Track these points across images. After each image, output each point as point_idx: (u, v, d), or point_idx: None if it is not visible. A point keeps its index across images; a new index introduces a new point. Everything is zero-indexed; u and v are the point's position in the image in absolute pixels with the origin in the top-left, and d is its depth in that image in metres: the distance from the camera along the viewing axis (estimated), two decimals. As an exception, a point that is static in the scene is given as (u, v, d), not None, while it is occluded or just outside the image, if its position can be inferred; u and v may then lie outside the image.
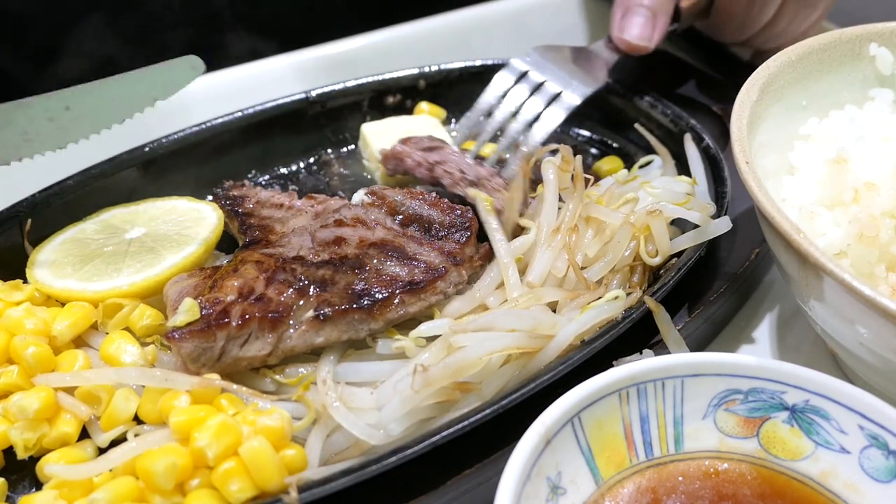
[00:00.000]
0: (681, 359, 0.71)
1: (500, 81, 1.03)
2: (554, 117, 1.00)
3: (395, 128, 1.08)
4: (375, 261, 0.80)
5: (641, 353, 0.79)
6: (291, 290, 0.77)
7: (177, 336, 0.73)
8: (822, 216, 0.80)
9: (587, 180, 0.96)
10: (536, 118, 1.01)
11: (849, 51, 0.93)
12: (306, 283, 0.77)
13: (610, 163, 1.06)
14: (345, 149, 1.10)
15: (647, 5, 1.05)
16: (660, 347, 0.81)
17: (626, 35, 1.05)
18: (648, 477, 0.70)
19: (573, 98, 1.02)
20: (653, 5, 1.05)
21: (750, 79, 0.86)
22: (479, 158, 1.00)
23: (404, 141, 0.99)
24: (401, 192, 0.89)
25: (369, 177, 1.07)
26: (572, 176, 0.88)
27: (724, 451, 0.71)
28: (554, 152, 0.92)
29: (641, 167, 1.01)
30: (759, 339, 0.90)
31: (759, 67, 0.87)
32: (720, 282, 0.88)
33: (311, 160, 1.08)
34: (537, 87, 1.03)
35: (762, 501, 0.68)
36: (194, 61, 0.86)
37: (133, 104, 0.84)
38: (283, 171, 1.07)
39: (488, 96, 1.03)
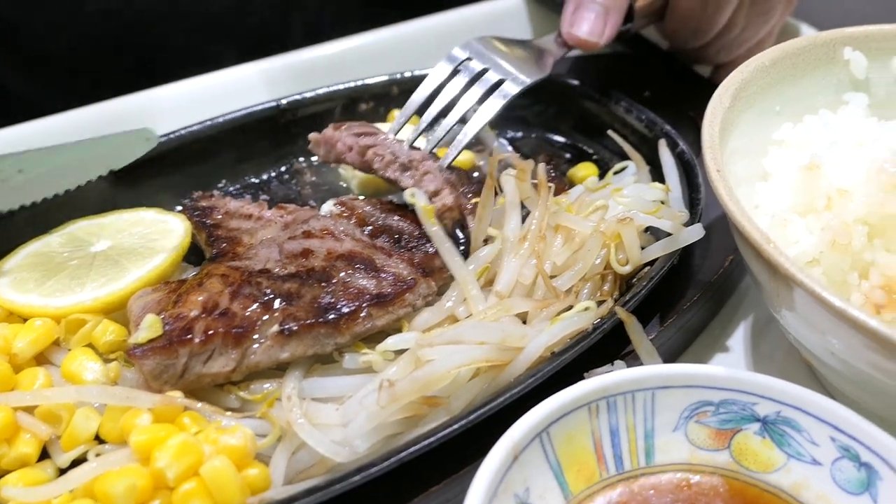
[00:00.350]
0: (651, 371, 0.70)
1: (438, 71, 1.00)
2: (491, 106, 0.97)
3: (368, 135, 1.07)
4: (343, 273, 0.79)
5: (613, 364, 0.78)
6: (256, 304, 0.75)
7: (138, 353, 0.72)
8: (794, 223, 0.79)
9: (560, 188, 0.95)
10: (475, 107, 0.98)
11: (823, 55, 0.92)
12: (272, 296, 0.76)
13: (584, 169, 1.05)
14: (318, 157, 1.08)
15: (599, 2, 1.03)
16: (632, 358, 0.80)
17: (576, 30, 1.03)
18: (619, 491, 0.69)
19: (513, 87, 0.98)
20: (606, 2, 1.03)
21: (723, 84, 0.85)
22: (416, 149, 0.96)
23: (336, 126, 0.97)
24: (370, 202, 0.88)
25: (344, 185, 1.06)
26: (536, 184, 0.87)
27: (696, 463, 0.70)
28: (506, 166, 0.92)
29: (616, 173, 1.00)
30: (734, 347, 0.89)
31: (733, 73, 0.86)
32: (693, 290, 0.87)
33: (284, 169, 1.06)
34: (477, 77, 0.99)
35: (735, 513, 0.67)
36: (148, 133, 0.90)
37: (86, 171, 0.88)
38: (255, 180, 1.05)
39: (425, 87, 0.99)
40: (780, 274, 0.67)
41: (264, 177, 1.05)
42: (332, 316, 0.75)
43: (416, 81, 1.09)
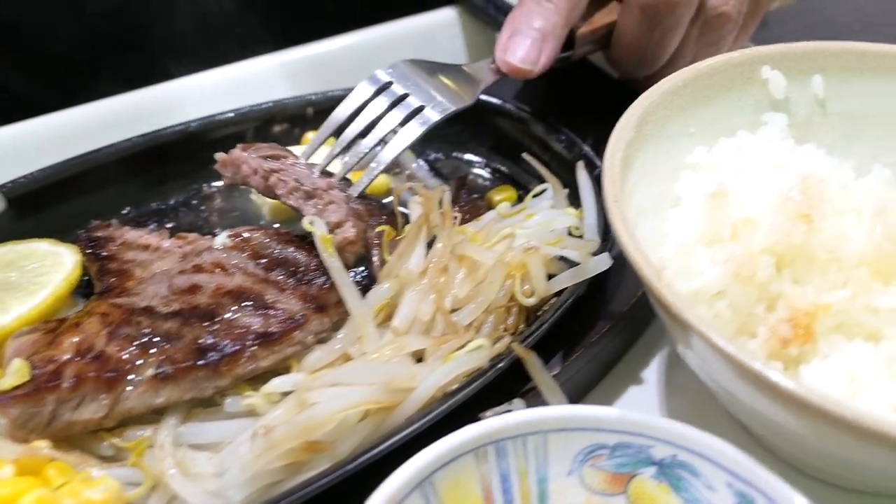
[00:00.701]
0: (542, 413, 0.67)
1: (358, 93, 0.95)
2: (409, 133, 0.92)
3: (283, 158, 1.03)
4: (229, 311, 0.75)
5: (511, 403, 0.74)
6: (134, 345, 0.72)
7: (2, 401, 0.68)
8: (699, 254, 0.76)
9: (477, 212, 0.92)
10: (394, 132, 0.94)
11: (739, 74, 0.89)
12: (151, 337, 0.72)
13: (503, 192, 1.02)
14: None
15: (536, 27, 0.98)
16: (535, 395, 0.76)
17: (510, 56, 0.98)
18: (512, 537, 0.66)
19: (433, 114, 0.94)
20: (543, 28, 0.98)
21: (631, 107, 0.82)
22: (328, 174, 0.93)
23: (245, 147, 0.93)
24: (268, 232, 0.84)
25: (256, 212, 1.02)
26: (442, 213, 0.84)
27: (593, 509, 0.67)
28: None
29: (535, 196, 0.97)
30: (649, 379, 0.86)
31: (641, 96, 0.84)
32: (604, 322, 0.84)
33: (192, 194, 1.03)
34: (398, 101, 0.95)
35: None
36: None
37: None
38: (161, 206, 1.01)
39: (343, 108, 0.94)
40: (671, 312, 0.64)
41: (171, 202, 1.02)
42: (212, 357, 0.71)
43: (333, 102, 1.06)
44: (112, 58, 1.28)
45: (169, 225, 0.98)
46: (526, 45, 0.98)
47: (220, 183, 1.03)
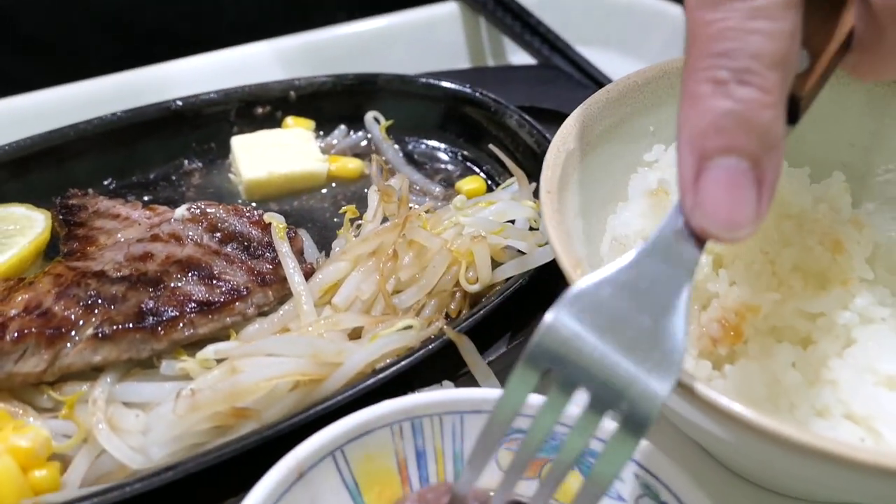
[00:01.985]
0: (459, 394, 0.69)
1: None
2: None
3: (265, 141, 1.06)
4: (175, 278, 0.78)
5: (441, 385, 0.76)
6: (79, 306, 0.75)
7: (-51, 350, 0.71)
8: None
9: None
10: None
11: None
12: (97, 299, 0.75)
13: (472, 182, 1.03)
14: (211, 160, 1.07)
15: (742, 147, 0.52)
16: (472, 378, 0.78)
17: (708, 222, 0.54)
18: (423, 513, 0.67)
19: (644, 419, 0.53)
20: (755, 149, 0.52)
21: (587, 101, 0.82)
22: None
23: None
24: (226, 208, 0.87)
25: (233, 190, 1.05)
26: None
27: (507, 491, 0.68)
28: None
29: (506, 189, 0.98)
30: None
31: (602, 89, 0.84)
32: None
33: (172, 170, 1.06)
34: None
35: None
36: None
37: None
38: (141, 180, 1.05)
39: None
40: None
41: (151, 176, 1.05)
42: (150, 321, 0.74)
43: (317, 87, 1.09)
44: (104, 44, 1.32)
45: (146, 198, 1.01)
46: (733, 191, 0.53)
47: (200, 161, 1.06)
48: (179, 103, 1.05)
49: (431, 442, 0.68)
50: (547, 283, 0.88)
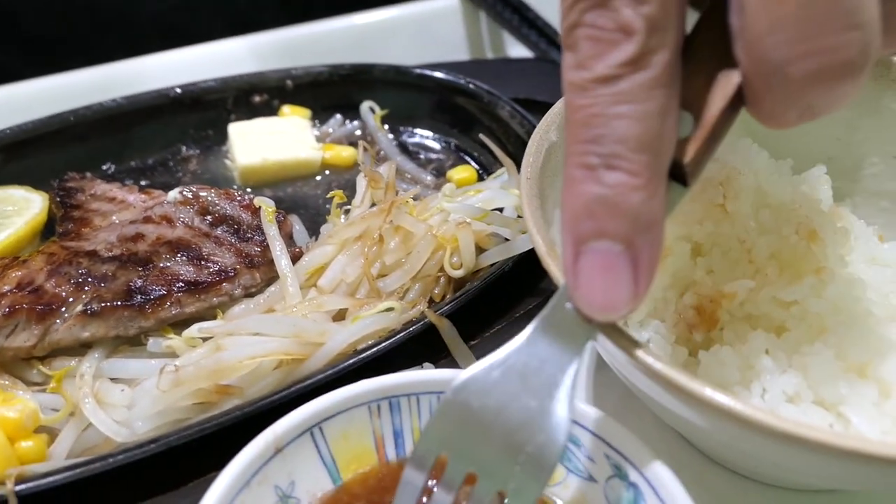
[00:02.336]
0: (437, 375, 0.70)
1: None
2: None
3: (261, 129, 1.08)
4: (165, 258, 0.80)
5: (422, 367, 0.77)
6: (70, 283, 0.77)
7: (-58, 324, 0.74)
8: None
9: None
10: None
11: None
12: (87, 277, 0.77)
13: (463, 172, 1.04)
14: (208, 147, 1.09)
15: (614, 231, 0.52)
16: (450, 361, 0.79)
17: (586, 305, 0.55)
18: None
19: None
20: (625, 231, 0.52)
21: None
22: None
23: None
24: (218, 192, 0.89)
25: (228, 176, 1.07)
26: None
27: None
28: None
29: (496, 178, 1.00)
30: (574, 358, 0.87)
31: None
32: (533, 298, 0.86)
33: (169, 156, 1.08)
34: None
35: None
36: None
37: None
38: (139, 165, 1.07)
39: None
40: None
41: (149, 162, 1.07)
42: (138, 299, 0.76)
43: (314, 76, 1.11)
44: (102, 36, 1.34)
45: (144, 182, 1.03)
46: (606, 274, 0.54)
47: (197, 148, 1.08)
48: (178, 91, 1.07)
49: (409, 421, 0.70)
50: (531, 269, 0.89)
